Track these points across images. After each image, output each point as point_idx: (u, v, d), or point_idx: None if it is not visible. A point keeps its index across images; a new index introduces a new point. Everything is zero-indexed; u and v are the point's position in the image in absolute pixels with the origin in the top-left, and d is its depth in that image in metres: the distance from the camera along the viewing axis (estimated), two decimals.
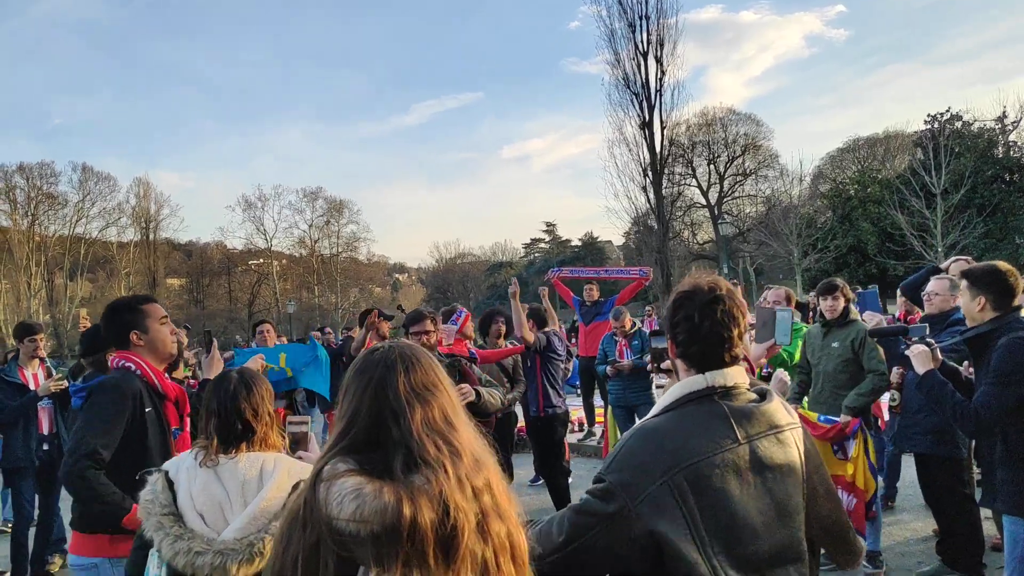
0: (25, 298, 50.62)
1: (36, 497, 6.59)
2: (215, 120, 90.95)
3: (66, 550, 5.45)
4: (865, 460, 5.09)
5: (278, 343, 8.28)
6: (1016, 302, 3.93)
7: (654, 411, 2.08)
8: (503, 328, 7.46)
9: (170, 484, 2.49)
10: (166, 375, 3.59)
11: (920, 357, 3.91)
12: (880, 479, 7.58)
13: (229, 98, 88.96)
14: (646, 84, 41.14)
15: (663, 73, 40.79)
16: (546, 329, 7.58)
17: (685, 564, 1.82)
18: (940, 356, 4.01)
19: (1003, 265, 4.03)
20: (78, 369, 6.28)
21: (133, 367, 3.40)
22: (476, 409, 4.76)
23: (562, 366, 7.69)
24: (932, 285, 5.34)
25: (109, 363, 3.51)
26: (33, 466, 6.42)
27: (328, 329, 16.06)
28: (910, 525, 6.47)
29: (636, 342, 8.47)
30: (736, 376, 2.07)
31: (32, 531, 6.58)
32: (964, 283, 4.03)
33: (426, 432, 1.63)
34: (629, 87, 41.25)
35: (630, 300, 10.22)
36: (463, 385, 4.76)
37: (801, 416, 5.48)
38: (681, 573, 1.82)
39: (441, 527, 1.53)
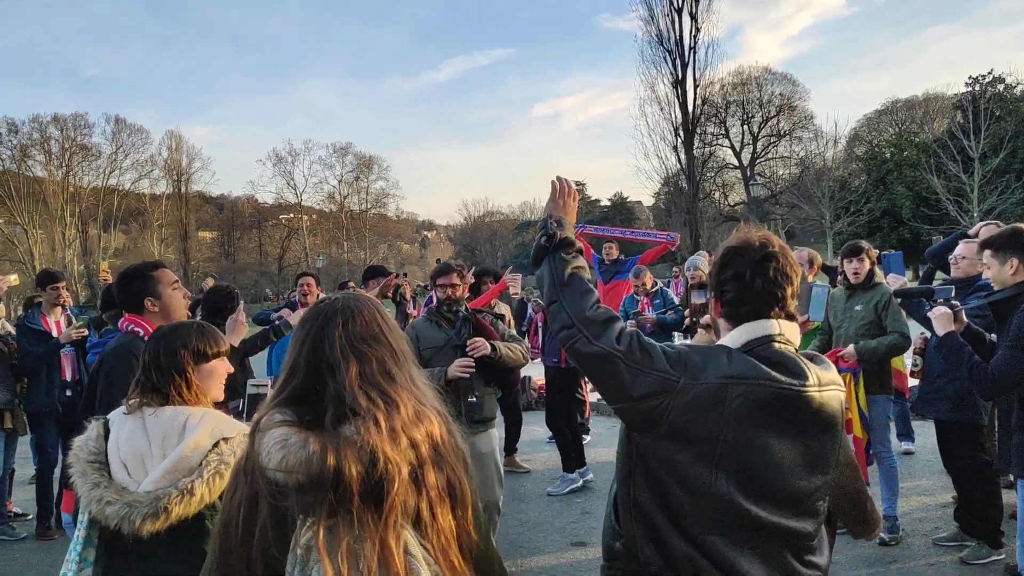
0: (60, 248, 51.43)
1: (60, 442, 6.70)
2: (247, 75, 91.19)
3: None
4: (856, 408, 5.08)
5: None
6: None
7: None
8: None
9: (107, 433, 2.48)
10: None
11: (941, 319, 3.85)
12: (906, 444, 7.55)
13: (261, 53, 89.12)
14: (680, 41, 40.52)
15: (697, 30, 40.17)
16: None
17: (692, 472, 1.83)
18: (965, 319, 3.93)
19: (1022, 225, 3.95)
20: (99, 323, 6.35)
21: (142, 332, 3.39)
22: (494, 363, 4.77)
23: None
24: (960, 248, 5.25)
25: (120, 325, 3.52)
26: (56, 411, 6.51)
27: (351, 283, 16.15)
28: (929, 491, 6.41)
29: (658, 301, 8.41)
30: (792, 332, 2.01)
31: (56, 475, 6.71)
32: (987, 252, 3.93)
33: (360, 384, 1.62)
34: (662, 44, 40.70)
35: (653, 263, 10.12)
36: (476, 339, 4.74)
37: None
38: (680, 475, 1.84)
39: (368, 478, 1.52)
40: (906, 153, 40.61)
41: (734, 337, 1.99)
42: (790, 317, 2.00)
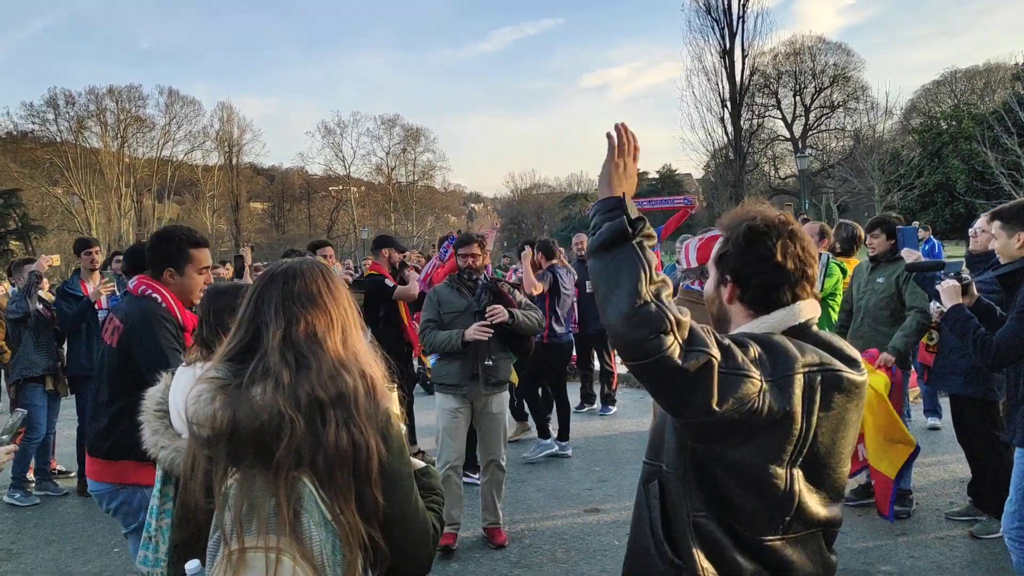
0: (116, 218, 52.73)
1: None
2: (297, 46, 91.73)
3: None
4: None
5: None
6: None
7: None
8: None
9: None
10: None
11: (949, 291, 3.85)
12: (933, 419, 7.49)
13: (310, 23, 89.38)
14: (728, 10, 39.88)
15: None
16: (552, 262, 7.70)
17: (764, 472, 1.72)
18: (975, 292, 3.92)
19: None
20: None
21: (159, 298, 3.47)
22: (512, 329, 5.04)
23: (570, 300, 7.89)
24: (981, 222, 5.17)
25: (133, 287, 3.58)
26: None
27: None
28: (949, 466, 6.37)
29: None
30: (817, 310, 1.92)
31: None
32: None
33: (280, 344, 1.70)
34: (710, 13, 40.12)
35: (676, 230, 10.00)
36: (495, 305, 5.01)
37: None
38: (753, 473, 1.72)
39: (263, 432, 1.61)
40: (963, 125, 39.45)
41: (771, 324, 1.85)
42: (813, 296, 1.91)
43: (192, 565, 1.77)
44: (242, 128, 60.57)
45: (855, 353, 1.88)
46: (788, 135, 53.03)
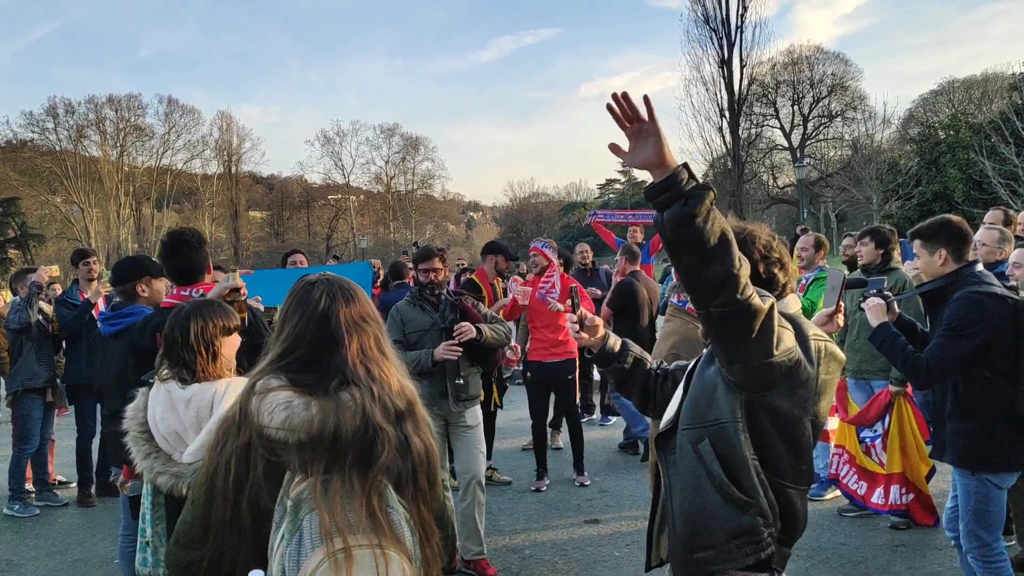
0: (115, 227, 52.76)
1: (98, 412, 7.00)
2: (297, 55, 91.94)
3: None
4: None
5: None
6: (970, 254, 3.85)
7: None
8: None
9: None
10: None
11: (875, 310, 3.86)
12: None
13: (311, 30, 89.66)
14: (726, 20, 40.08)
15: (745, 9, 39.72)
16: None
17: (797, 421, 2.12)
18: (897, 309, 3.94)
19: (953, 216, 3.98)
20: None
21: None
22: (479, 345, 4.95)
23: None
24: (980, 234, 5.18)
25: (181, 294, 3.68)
26: (94, 384, 6.80)
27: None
28: (946, 477, 6.28)
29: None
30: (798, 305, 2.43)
31: (95, 445, 7.01)
32: (917, 242, 3.92)
33: (359, 358, 1.81)
34: (708, 23, 40.31)
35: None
36: (462, 324, 4.90)
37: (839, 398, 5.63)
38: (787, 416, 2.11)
39: (362, 439, 1.70)
40: (961, 135, 39.48)
41: (781, 307, 2.23)
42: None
43: (256, 575, 1.75)
44: (241, 137, 60.79)
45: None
46: (786, 144, 53.12)
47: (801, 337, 2.11)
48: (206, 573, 1.79)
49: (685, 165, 1.82)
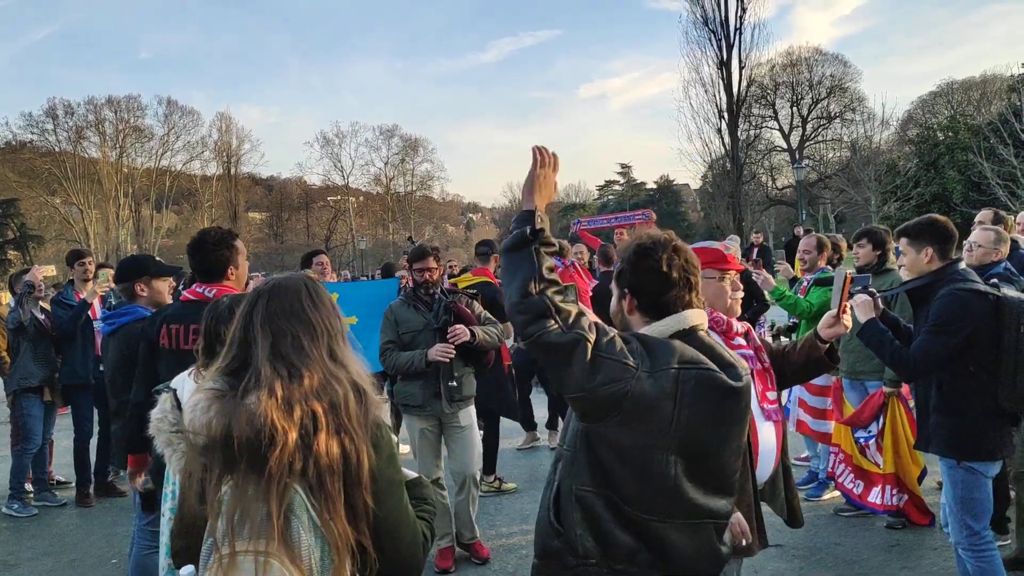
0: (114, 228, 52.70)
1: (95, 413, 7.00)
2: (297, 56, 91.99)
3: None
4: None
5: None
6: (954, 253, 3.94)
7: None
8: None
9: (178, 403, 2.68)
10: None
11: (862, 306, 3.92)
12: None
13: (311, 31, 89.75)
14: (725, 22, 40.09)
15: (744, 11, 39.70)
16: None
17: (644, 457, 1.97)
18: (881, 306, 4.00)
19: (938, 216, 4.05)
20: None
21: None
22: (474, 347, 4.97)
23: None
24: (976, 235, 5.18)
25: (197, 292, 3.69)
26: (91, 384, 6.83)
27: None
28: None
29: None
30: (704, 319, 2.22)
31: (93, 445, 7.03)
32: (904, 241, 3.98)
33: (270, 357, 1.77)
34: (707, 24, 40.31)
35: None
36: (456, 326, 4.92)
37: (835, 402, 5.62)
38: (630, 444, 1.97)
39: (254, 442, 1.66)
40: (960, 136, 39.53)
41: (660, 328, 2.13)
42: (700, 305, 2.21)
43: (187, 571, 1.82)
44: (240, 138, 60.76)
45: (737, 361, 2.16)
46: (785, 146, 53.15)
47: (658, 364, 1.97)
48: (189, 560, 1.87)
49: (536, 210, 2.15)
